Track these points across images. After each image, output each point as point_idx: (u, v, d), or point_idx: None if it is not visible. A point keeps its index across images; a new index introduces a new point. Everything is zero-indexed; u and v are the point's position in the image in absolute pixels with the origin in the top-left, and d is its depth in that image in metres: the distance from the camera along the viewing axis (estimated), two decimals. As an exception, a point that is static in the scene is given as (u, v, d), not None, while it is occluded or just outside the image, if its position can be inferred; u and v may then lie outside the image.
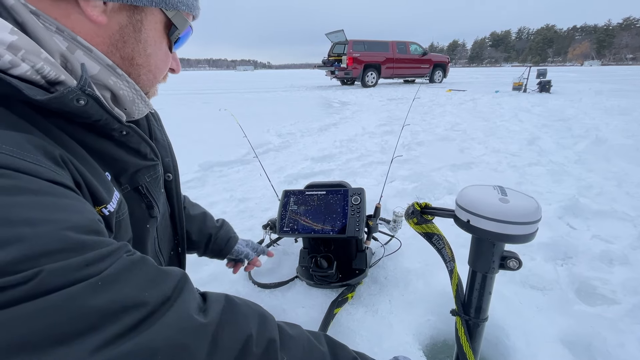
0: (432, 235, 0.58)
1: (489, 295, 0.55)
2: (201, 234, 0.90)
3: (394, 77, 12.82)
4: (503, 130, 3.88)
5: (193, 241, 0.89)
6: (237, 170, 2.72)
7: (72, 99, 0.36)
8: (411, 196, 2.06)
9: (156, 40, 0.48)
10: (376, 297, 1.06)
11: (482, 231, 0.48)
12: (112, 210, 0.42)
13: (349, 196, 1.10)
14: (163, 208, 0.61)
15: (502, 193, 0.50)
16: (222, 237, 0.94)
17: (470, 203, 0.50)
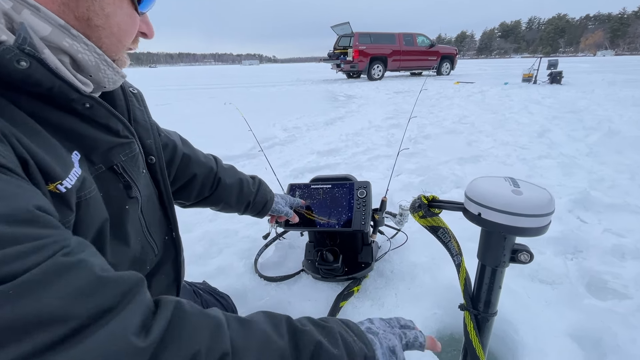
0: (438, 229, 0.57)
1: (499, 290, 0.54)
2: (239, 201, 0.92)
3: (400, 69, 12.65)
4: (512, 122, 3.81)
5: (232, 207, 0.93)
6: (243, 165, 2.72)
7: (11, 60, 0.32)
8: (418, 190, 2.04)
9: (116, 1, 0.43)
10: (382, 290, 1.06)
11: (493, 224, 0.46)
12: (69, 187, 0.37)
13: (354, 189, 1.10)
14: (147, 190, 0.57)
15: (514, 185, 0.48)
16: (259, 202, 0.96)
17: (481, 195, 0.48)
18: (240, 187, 0.91)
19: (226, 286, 1.14)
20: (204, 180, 0.83)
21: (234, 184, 0.89)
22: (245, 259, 1.35)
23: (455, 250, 0.55)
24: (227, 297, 0.94)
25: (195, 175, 0.81)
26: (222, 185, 0.86)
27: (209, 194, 0.85)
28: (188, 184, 0.81)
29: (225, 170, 0.90)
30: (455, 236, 0.58)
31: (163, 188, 0.63)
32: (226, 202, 0.90)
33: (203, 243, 1.48)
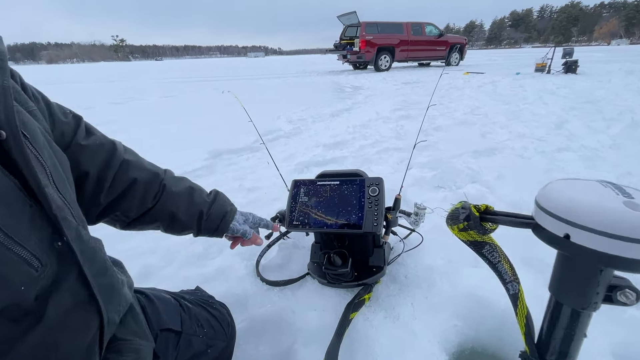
0: (483, 245, 0.45)
1: (582, 339, 0.39)
2: (189, 212, 0.75)
3: (408, 60, 12.36)
4: (527, 113, 3.64)
5: (183, 222, 0.75)
6: (247, 158, 2.63)
7: None
8: (430, 185, 1.93)
9: None
10: (396, 298, 0.96)
11: (588, 251, 0.32)
12: None
13: (365, 187, 0.99)
14: None
15: (622, 193, 0.32)
16: (215, 213, 0.79)
17: (571, 209, 0.33)
18: (191, 196, 0.77)
19: (225, 291, 1.05)
20: (147, 186, 0.70)
21: (182, 192, 0.75)
22: (246, 260, 1.26)
23: (508, 276, 0.43)
24: (223, 308, 0.84)
25: (136, 180, 0.68)
26: (167, 192, 0.72)
27: (152, 204, 0.70)
28: (127, 191, 0.67)
29: (174, 179, 0.77)
30: (507, 256, 0.46)
31: (28, 173, 0.42)
32: (174, 215, 0.73)
33: (202, 242, 1.39)
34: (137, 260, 1.29)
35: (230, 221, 0.83)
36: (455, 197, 1.70)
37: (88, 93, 8.02)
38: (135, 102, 6.20)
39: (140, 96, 6.99)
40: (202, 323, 0.74)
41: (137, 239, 1.46)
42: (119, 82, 11.89)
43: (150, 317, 0.65)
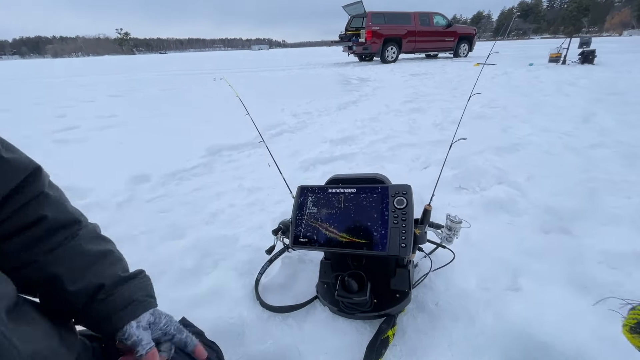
0: None
1: None
2: (85, 280, 0.49)
3: (415, 51, 11.99)
4: (548, 105, 3.39)
5: (69, 292, 0.47)
6: (248, 155, 2.44)
7: None
8: (451, 185, 1.73)
9: None
10: (428, 337, 0.77)
11: None
12: None
13: (389, 196, 0.79)
14: None
15: None
16: (120, 296, 0.50)
17: None
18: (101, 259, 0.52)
19: (218, 320, 0.88)
20: (54, 230, 0.48)
21: (91, 253, 0.51)
22: (244, 277, 1.08)
23: None
24: (212, 350, 0.66)
25: (45, 218, 0.47)
26: (71, 247, 0.49)
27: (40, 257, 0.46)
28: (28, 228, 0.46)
29: (97, 235, 0.55)
30: None
31: None
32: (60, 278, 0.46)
33: (194, 254, 1.22)
34: (119, 276, 1.12)
35: (131, 317, 0.50)
36: (480, 200, 1.50)
37: (90, 86, 7.86)
38: (135, 94, 6.03)
39: (140, 88, 6.81)
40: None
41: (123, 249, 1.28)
42: (121, 75, 11.72)
43: None
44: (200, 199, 1.73)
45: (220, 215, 1.55)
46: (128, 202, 1.72)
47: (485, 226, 1.30)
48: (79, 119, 3.88)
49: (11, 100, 5.86)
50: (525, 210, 1.41)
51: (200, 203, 1.69)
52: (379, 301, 0.83)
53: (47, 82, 9.72)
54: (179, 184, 1.94)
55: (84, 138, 2.99)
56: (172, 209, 1.63)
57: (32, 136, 3.08)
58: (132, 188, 1.87)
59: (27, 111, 4.67)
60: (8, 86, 8.63)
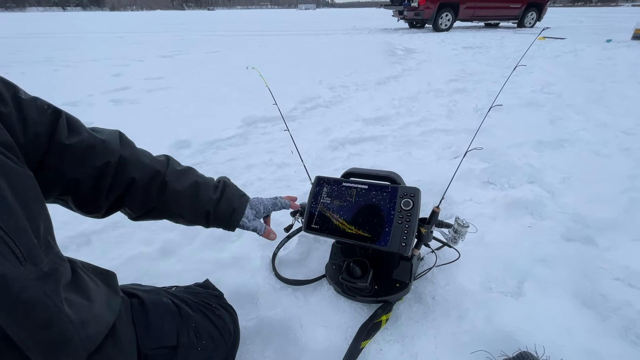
0: None
1: None
2: (195, 212, 0.73)
3: (473, 19, 10.91)
4: (614, 95, 3.03)
5: (190, 220, 0.74)
6: (282, 128, 2.52)
7: None
8: (479, 179, 1.70)
9: None
10: (418, 326, 0.85)
11: None
12: None
13: (397, 197, 0.84)
14: None
15: None
16: (222, 211, 0.75)
17: None
18: (196, 195, 0.71)
19: (237, 285, 1.02)
20: (147, 186, 0.65)
21: (186, 190, 0.70)
22: (264, 249, 1.20)
23: None
24: (228, 312, 0.79)
25: (134, 180, 0.63)
26: (170, 191, 0.68)
27: (155, 203, 0.67)
28: (127, 192, 0.63)
29: (177, 173, 0.71)
30: None
31: None
32: (179, 214, 0.71)
33: (224, 222, 1.36)
34: (160, 234, 1.30)
35: (239, 219, 0.78)
36: (505, 199, 1.47)
37: (141, 44, 8.24)
38: (182, 55, 6.25)
39: (188, 50, 7.02)
40: (201, 334, 0.70)
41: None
42: (170, 33, 12.06)
43: (141, 333, 0.61)
44: (234, 170, 1.87)
45: (249, 187, 1.68)
46: (171, 166, 1.91)
47: (503, 227, 1.30)
48: (131, 79, 4.17)
49: (74, 55, 6.36)
50: (551, 215, 1.37)
51: (233, 174, 1.83)
52: (380, 288, 0.91)
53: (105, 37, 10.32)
54: (215, 152, 2.09)
55: (135, 100, 3.25)
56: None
57: (94, 95, 3.40)
58: (174, 153, 2.06)
59: (87, 68, 5.08)
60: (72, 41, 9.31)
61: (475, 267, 1.07)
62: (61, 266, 0.45)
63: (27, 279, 0.38)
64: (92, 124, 0.65)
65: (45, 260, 0.41)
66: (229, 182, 0.81)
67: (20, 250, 0.38)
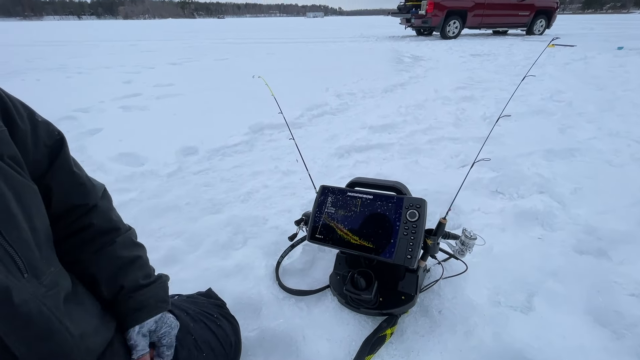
0: None
1: None
2: (111, 285, 0.59)
3: (481, 26, 10.88)
4: (627, 103, 2.97)
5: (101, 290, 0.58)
6: (288, 135, 2.53)
7: None
8: (487, 188, 1.67)
9: None
10: (424, 340, 0.83)
11: None
12: None
13: (403, 208, 0.83)
14: None
15: None
16: (130, 303, 0.59)
17: None
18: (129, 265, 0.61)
19: (240, 294, 1.01)
20: (97, 235, 0.59)
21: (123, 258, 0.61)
22: (268, 257, 1.19)
23: None
24: (229, 322, 0.78)
25: (92, 225, 0.58)
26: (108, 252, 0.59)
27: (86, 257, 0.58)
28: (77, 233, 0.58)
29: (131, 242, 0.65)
30: None
31: None
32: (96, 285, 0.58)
33: (229, 230, 1.36)
34: (164, 241, 1.30)
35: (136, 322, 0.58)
36: (514, 209, 1.44)
37: (152, 52, 8.42)
38: (192, 63, 6.36)
39: (197, 57, 7.14)
40: (201, 345, 0.69)
41: (166, 218, 1.47)
42: (180, 40, 12.31)
43: None
44: (239, 177, 1.88)
45: (254, 194, 1.68)
46: (176, 172, 1.93)
47: (512, 238, 1.27)
48: (141, 86, 4.24)
49: (87, 62, 6.52)
50: (562, 226, 1.34)
51: (239, 181, 1.83)
52: (385, 300, 0.89)
53: (118, 45, 10.58)
54: (222, 159, 2.10)
55: (145, 106, 3.30)
56: (214, 184, 1.80)
57: (105, 101, 3.46)
58: (181, 160, 2.08)
59: (100, 75, 5.19)
60: (86, 49, 9.56)
61: (483, 280, 1.04)
62: (62, 279, 0.45)
63: (28, 292, 0.38)
64: (102, 130, 0.66)
65: (46, 273, 0.41)
66: (165, 284, 0.67)
67: (23, 262, 0.38)
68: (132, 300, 0.59)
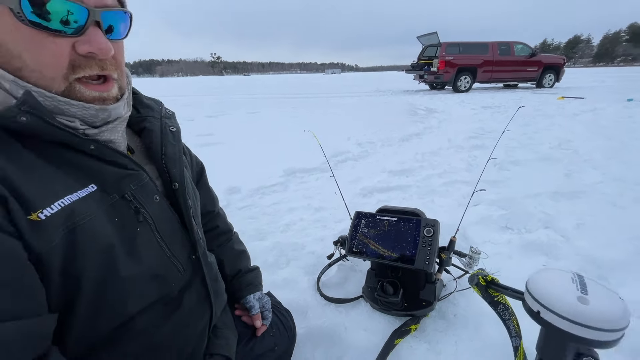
0: (497, 304, 0.55)
1: None
2: (233, 267, 0.92)
3: (492, 81, 11.58)
4: (633, 151, 3.17)
5: (226, 275, 0.89)
6: (317, 178, 2.86)
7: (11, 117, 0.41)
8: (497, 224, 1.87)
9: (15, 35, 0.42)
10: (442, 334, 1.03)
11: (553, 327, 0.44)
12: (48, 214, 0.42)
13: (421, 227, 1.09)
14: (163, 214, 0.60)
15: (582, 288, 0.44)
16: (245, 280, 0.91)
17: (542, 293, 0.46)
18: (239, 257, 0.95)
19: (289, 300, 1.24)
20: (220, 234, 0.92)
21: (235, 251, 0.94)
22: (309, 275, 1.44)
23: (514, 331, 0.52)
24: (287, 314, 1.02)
25: (217, 228, 0.92)
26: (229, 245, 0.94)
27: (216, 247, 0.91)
28: (208, 232, 0.89)
29: (237, 240, 0.98)
30: (516, 315, 0.55)
31: (184, 211, 0.64)
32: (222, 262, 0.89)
33: (274, 253, 1.63)
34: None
35: (250, 292, 0.90)
36: (520, 241, 1.64)
37: (190, 106, 9.44)
38: (226, 116, 7.12)
39: (230, 111, 7.97)
40: (272, 324, 0.93)
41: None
42: (213, 96, 13.66)
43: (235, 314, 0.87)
44: (278, 211, 2.18)
45: (292, 226, 1.96)
46: (225, 207, 2.25)
47: (518, 263, 1.46)
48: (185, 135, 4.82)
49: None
50: (565, 256, 1.52)
51: (278, 214, 2.13)
52: (409, 305, 1.11)
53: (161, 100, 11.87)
54: (262, 197, 2.43)
55: (191, 153, 3.79)
56: (257, 217, 2.10)
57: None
58: (228, 197, 2.42)
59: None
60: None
61: (492, 295, 1.24)
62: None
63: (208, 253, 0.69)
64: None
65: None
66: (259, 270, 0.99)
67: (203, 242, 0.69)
68: (245, 278, 0.91)
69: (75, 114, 0.47)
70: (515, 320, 0.56)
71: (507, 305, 0.56)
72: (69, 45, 0.45)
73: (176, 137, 0.71)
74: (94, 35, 0.46)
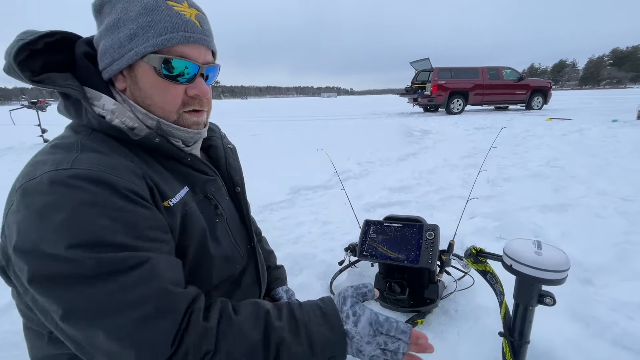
0: (487, 273, 0.71)
1: (530, 324, 0.68)
2: (266, 262, 1.02)
3: (483, 103, 12.09)
4: (616, 168, 3.39)
5: None
6: (321, 195, 3.03)
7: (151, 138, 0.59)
8: (492, 235, 2.03)
9: (152, 83, 0.59)
10: (445, 327, 1.16)
11: (521, 274, 0.60)
12: (174, 203, 0.59)
13: (424, 231, 1.24)
14: (230, 211, 0.77)
15: (538, 247, 0.62)
16: (274, 275, 1.04)
17: (513, 252, 0.64)
18: (268, 256, 1.06)
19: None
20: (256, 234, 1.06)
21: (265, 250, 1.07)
22: (322, 280, 1.57)
23: (499, 291, 0.68)
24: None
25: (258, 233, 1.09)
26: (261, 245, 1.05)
27: None
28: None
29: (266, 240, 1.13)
30: (501, 280, 0.71)
31: (244, 210, 0.83)
32: None
33: (287, 262, 1.76)
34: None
35: (279, 285, 1.03)
36: (515, 249, 1.80)
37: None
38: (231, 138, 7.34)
39: (232, 133, 8.21)
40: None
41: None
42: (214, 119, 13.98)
43: None
44: (287, 226, 2.32)
45: (302, 238, 2.10)
46: (237, 223, 2.40)
47: (512, 268, 1.61)
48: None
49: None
50: (554, 261, 1.67)
51: (287, 228, 2.27)
52: (415, 302, 1.25)
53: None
54: (271, 213, 2.58)
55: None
56: (268, 231, 2.23)
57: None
58: (239, 213, 2.57)
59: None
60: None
61: (490, 294, 1.37)
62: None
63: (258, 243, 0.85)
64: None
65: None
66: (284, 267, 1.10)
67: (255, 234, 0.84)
68: (274, 273, 1.05)
69: (180, 136, 0.65)
70: (500, 283, 0.71)
71: (494, 273, 0.72)
72: (183, 90, 0.62)
73: (234, 152, 0.90)
74: (199, 83, 0.63)
